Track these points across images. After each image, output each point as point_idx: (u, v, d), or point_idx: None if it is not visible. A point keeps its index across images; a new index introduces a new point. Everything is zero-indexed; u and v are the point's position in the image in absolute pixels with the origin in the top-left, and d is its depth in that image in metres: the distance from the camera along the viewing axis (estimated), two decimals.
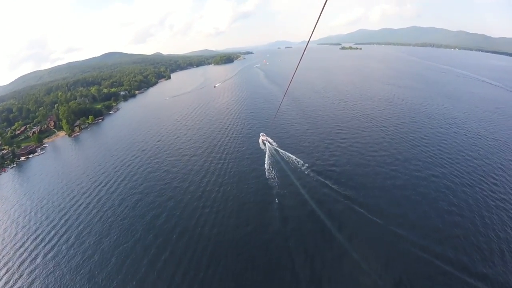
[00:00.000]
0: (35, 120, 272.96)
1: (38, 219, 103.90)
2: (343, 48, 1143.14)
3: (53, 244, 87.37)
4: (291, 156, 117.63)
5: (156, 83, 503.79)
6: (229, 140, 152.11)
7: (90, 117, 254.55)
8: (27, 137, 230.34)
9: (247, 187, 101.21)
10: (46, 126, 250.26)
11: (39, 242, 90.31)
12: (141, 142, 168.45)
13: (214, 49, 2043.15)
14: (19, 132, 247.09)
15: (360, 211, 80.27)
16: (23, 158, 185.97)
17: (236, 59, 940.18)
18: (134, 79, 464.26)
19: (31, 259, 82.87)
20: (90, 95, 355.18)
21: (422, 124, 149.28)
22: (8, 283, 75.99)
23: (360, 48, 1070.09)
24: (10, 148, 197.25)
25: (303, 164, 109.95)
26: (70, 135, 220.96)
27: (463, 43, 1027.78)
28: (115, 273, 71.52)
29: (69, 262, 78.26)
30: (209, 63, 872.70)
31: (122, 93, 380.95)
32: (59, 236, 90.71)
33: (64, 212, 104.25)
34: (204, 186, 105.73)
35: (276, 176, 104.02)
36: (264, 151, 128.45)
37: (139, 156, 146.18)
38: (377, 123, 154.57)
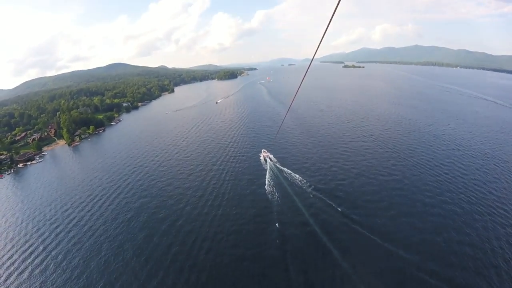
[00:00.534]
0: (36, 126, 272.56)
1: (28, 231, 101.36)
2: (345, 66, 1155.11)
3: (41, 259, 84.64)
4: (293, 173, 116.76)
5: (159, 96, 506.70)
6: (230, 156, 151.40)
7: (91, 127, 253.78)
8: (27, 143, 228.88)
9: (247, 205, 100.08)
10: (46, 133, 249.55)
11: (27, 255, 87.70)
12: (139, 156, 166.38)
13: (218, 64, 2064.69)
14: (19, 138, 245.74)
15: (363, 233, 78.78)
16: (20, 165, 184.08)
17: (239, 75, 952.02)
18: (137, 91, 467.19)
19: (18, 273, 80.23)
20: (92, 104, 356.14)
21: (428, 145, 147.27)
22: None
23: (363, 67, 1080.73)
24: (8, 154, 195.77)
25: (305, 182, 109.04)
26: (69, 144, 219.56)
27: (464, 61, 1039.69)
28: None
29: (56, 280, 75.35)
30: (212, 78, 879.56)
31: (124, 104, 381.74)
32: (48, 251, 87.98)
33: (56, 225, 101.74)
34: (202, 204, 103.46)
35: (276, 193, 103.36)
36: (265, 167, 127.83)
37: (136, 171, 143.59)
38: (382, 143, 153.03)
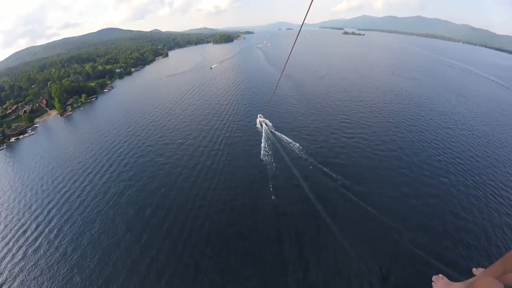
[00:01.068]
0: (27, 98, 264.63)
1: (21, 208, 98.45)
2: (345, 33, 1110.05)
3: (35, 237, 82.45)
4: (289, 140, 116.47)
5: (153, 60, 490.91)
6: (225, 121, 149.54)
7: (83, 95, 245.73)
8: (18, 116, 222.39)
9: (242, 168, 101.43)
10: (37, 105, 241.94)
11: (21, 234, 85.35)
12: (132, 125, 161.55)
13: (214, 27, 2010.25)
14: (10, 111, 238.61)
15: (354, 200, 79.28)
16: (13, 139, 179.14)
17: (236, 39, 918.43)
18: (130, 56, 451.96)
19: (12, 254, 78.10)
20: (84, 72, 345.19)
21: (429, 122, 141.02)
22: None
23: (363, 34, 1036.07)
24: (0, 129, 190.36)
25: (301, 149, 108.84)
26: (62, 114, 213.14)
27: (466, 37, 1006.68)
28: (99, 269, 68.03)
29: (50, 259, 73.74)
30: (208, 42, 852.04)
31: (117, 70, 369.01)
32: (41, 229, 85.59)
33: (48, 201, 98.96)
34: (196, 174, 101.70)
35: (271, 158, 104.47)
36: (261, 133, 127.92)
37: (129, 141, 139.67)
38: (382, 116, 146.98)
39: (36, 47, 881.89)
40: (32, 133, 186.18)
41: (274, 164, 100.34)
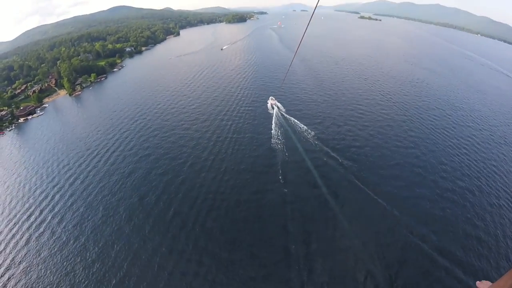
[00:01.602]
0: (36, 78, 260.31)
1: (26, 192, 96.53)
2: (362, 17, 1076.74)
3: (40, 221, 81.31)
4: (300, 124, 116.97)
5: (164, 39, 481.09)
6: (236, 104, 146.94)
7: (93, 75, 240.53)
8: (27, 96, 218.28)
9: (251, 153, 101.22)
10: (47, 84, 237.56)
11: (26, 218, 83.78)
12: (141, 106, 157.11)
13: (227, 6, 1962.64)
14: (19, 91, 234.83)
15: (367, 193, 78.68)
16: (21, 120, 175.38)
17: (249, 19, 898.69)
18: (141, 34, 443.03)
19: (16, 240, 76.18)
20: (94, 51, 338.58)
21: (447, 117, 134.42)
22: None
23: (380, 20, 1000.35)
24: (8, 109, 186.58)
25: (311, 133, 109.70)
26: (71, 94, 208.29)
27: (485, 30, 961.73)
28: (101, 259, 66.62)
29: (54, 244, 72.40)
30: (220, 21, 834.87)
31: (127, 49, 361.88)
32: (46, 214, 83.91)
33: (54, 184, 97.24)
34: (205, 157, 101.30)
35: (282, 142, 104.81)
36: (272, 115, 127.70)
37: (137, 122, 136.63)
38: (399, 108, 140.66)
39: (47, 25, 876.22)
40: (40, 113, 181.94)
41: (284, 149, 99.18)
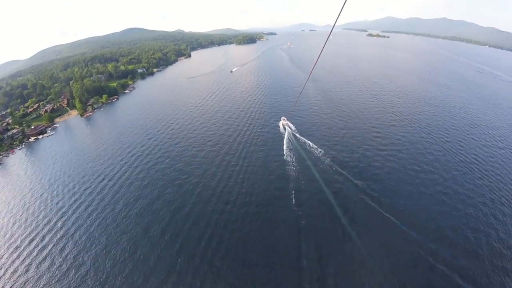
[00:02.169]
0: (48, 97, 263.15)
1: (29, 215, 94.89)
2: (370, 35, 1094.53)
3: (40, 249, 78.97)
4: (309, 142, 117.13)
5: (175, 61, 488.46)
6: (247, 126, 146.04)
7: (104, 96, 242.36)
8: (39, 115, 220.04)
9: (263, 178, 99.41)
10: (59, 104, 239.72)
11: (27, 244, 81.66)
12: (152, 128, 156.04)
13: (237, 28, 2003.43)
14: (31, 109, 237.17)
15: (372, 205, 79.93)
16: (32, 139, 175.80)
17: (259, 40, 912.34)
18: (153, 56, 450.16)
19: (15, 266, 73.95)
20: (106, 72, 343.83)
21: (466, 135, 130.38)
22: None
23: (388, 37, 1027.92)
24: (20, 128, 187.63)
25: (320, 150, 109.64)
26: (82, 115, 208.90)
27: (493, 40, 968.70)
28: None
29: (52, 275, 69.59)
30: (231, 43, 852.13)
31: (139, 70, 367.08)
32: (48, 240, 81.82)
33: (60, 206, 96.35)
34: (217, 178, 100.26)
35: (293, 161, 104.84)
36: (283, 135, 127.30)
37: (147, 145, 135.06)
38: (416, 126, 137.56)
39: (62, 45, 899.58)
40: (51, 133, 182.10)
41: (298, 173, 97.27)
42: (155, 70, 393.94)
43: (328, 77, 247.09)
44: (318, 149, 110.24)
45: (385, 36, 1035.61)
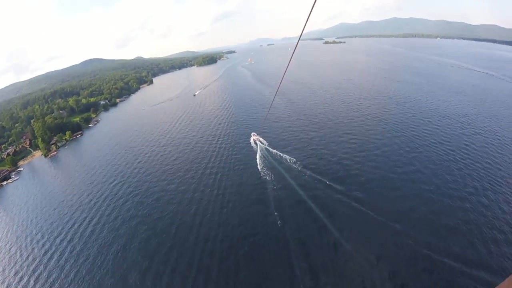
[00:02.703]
0: (10, 139, 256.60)
1: (2, 272, 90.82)
2: (326, 42, 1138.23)
3: None
4: (283, 154, 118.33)
5: (138, 89, 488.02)
6: (218, 147, 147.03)
7: (68, 132, 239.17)
8: (1, 159, 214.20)
9: (242, 188, 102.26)
10: (21, 145, 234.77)
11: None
12: (121, 163, 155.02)
13: (196, 50, 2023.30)
14: None
15: (356, 206, 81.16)
16: None
17: (219, 59, 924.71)
18: (114, 86, 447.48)
19: None
20: (68, 107, 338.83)
21: (437, 127, 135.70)
22: None
23: (344, 42, 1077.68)
24: None
25: (295, 161, 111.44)
26: (46, 155, 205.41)
27: (443, 32, 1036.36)
28: None
29: None
30: (192, 65, 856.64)
31: (102, 102, 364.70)
32: None
33: (32, 260, 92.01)
34: (197, 199, 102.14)
35: (269, 174, 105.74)
36: (256, 150, 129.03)
37: (117, 181, 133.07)
38: (387, 125, 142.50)
39: (20, 82, 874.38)
40: (15, 178, 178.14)
41: (275, 186, 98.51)
42: (118, 100, 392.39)
43: (294, 89, 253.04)
44: (293, 159, 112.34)
45: (341, 42, 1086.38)
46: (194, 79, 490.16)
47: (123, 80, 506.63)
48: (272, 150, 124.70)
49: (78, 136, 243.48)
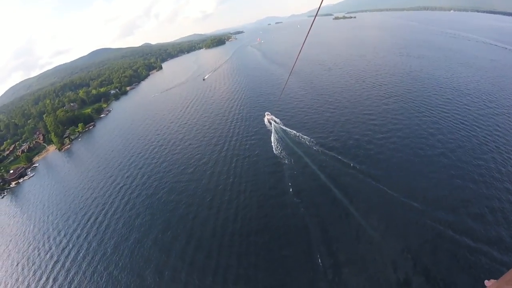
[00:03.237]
0: (23, 136, 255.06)
1: (20, 272, 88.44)
2: (336, 18, 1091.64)
3: None
4: (298, 133, 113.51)
5: (147, 75, 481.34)
6: (233, 129, 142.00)
7: (80, 125, 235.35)
8: (17, 157, 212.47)
9: (258, 173, 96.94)
10: (35, 141, 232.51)
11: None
12: (134, 152, 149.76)
13: (203, 32, 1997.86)
14: (8, 152, 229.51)
15: (373, 184, 76.83)
16: (13, 184, 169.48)
17: (227, 41, 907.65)
18: (123, 74, 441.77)
19: None
20: (78, 99, 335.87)
21: (458, 104, 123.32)
22: None
23: (355, 17, 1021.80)
24: None
25: (313, 141, 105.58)
26: (60, 149, 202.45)
27: (457, 4, 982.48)
28: None
29: None
30: (200, 48, 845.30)
31: (112, 91, 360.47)
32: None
33: (50, 256, 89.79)
34: (214, 179, 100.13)
35: (286, 156, 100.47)
36: (270, 131, 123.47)
37: (131, 171, 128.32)
38: (404, 103, 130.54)
39: (30, 79, 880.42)
40: (31, 174, 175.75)
41: (291, 164, 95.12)
42: (128, 88, 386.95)
43: (308, 67, 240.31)
44: (310, 140, 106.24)
45: (351, 17, 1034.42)
46: (203, 62, 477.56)
47: (132, 68, 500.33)
48: (287, 129, 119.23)
49: (90, 127, 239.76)
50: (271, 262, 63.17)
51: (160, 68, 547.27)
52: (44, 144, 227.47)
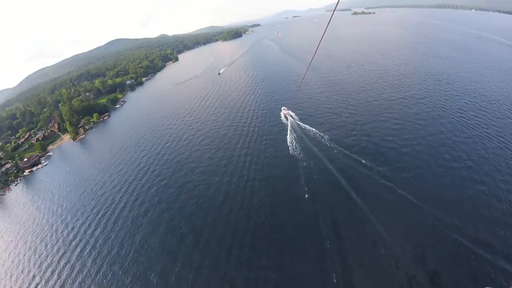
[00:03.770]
0: (39, 124, 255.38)
1: (33, 264, 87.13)
2: (355, 13, 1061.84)
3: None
4: (314, 129, 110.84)
5: (163, 67, 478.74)
6: (248, 124, 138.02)
7: (95, 115, 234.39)
8: (31, 145, 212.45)
9: (273, 173, 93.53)
10: (49, 130, 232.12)
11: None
12: (148, 145, 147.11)
13: (220, 24, 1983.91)
14: (23, 140, 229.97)
15: (401, 195, 71.57)
16: (27, 172, 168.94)
17: (244, 33, 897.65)
18: (139, 65, 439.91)
19: None
20: (94, 88, 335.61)
21: (483, 109, 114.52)
22: None
23: (374, 13, 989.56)
24: (13, 162, 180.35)
25: (331, 141, 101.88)
26: (74, 138, 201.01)
27: (479, 3, 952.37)
28: None
29: None
30: (216, 40, 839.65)
31: (128, 82, 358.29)
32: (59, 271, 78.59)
33: (62, 254, 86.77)
34: (227, 178, 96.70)
35: (303, 155, 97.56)
36: (286, 125, 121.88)
37: (143, 165, 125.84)
38: (427, 107, 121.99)
39: (47, 67, 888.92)
40: (45, 163, 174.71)
41: (307, 163, 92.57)
42: (143, 79, 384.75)
43: (326, 63, 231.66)
44: (328, 139, 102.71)
45: (370, 13, 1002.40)
46: (220, 55, 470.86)
47: (148, 59, 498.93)
48: (303, 125, 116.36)
49: (105, 117, 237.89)
50: (282, 272, 60.95)
51: (177, 59, 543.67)
52: (58, 133, 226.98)
